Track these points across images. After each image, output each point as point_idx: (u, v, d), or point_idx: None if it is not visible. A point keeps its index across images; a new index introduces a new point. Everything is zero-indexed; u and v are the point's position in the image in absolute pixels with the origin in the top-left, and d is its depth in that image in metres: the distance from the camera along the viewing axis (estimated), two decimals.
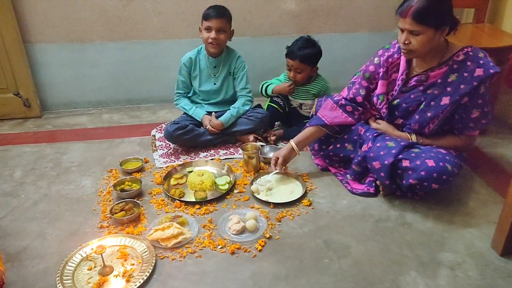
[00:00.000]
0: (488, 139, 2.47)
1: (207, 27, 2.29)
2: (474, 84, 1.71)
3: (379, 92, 1.98)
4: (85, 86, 2.94)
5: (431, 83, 1.82)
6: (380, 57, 1.97)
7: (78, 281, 1.50)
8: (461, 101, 1.76)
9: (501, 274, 1.53)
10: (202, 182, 2.01)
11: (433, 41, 1.71)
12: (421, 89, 1.85)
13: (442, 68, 1.79)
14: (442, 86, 1.79)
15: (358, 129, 2.05)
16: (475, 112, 1.79)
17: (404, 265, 1.57)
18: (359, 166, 2.01)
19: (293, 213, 1.87)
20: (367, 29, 3.06)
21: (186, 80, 2.48)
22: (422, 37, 1.69)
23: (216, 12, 2.28)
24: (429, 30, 1.67)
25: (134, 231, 1.74)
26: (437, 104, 1.80)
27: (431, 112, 1.82)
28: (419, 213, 1.86)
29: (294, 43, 2.41)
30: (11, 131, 2.69)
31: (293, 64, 2.38)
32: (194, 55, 2.44)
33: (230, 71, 2.48)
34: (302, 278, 1.52)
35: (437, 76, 1.80)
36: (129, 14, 2.77)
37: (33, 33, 2.72)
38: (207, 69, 2.45)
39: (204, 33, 2.32)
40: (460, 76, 1.75)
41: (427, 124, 1.84)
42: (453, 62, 1.77)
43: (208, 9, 2.31)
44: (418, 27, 1.67)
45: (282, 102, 2.53)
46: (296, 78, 2.42)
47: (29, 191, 2.04)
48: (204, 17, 2.31)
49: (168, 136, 2.33)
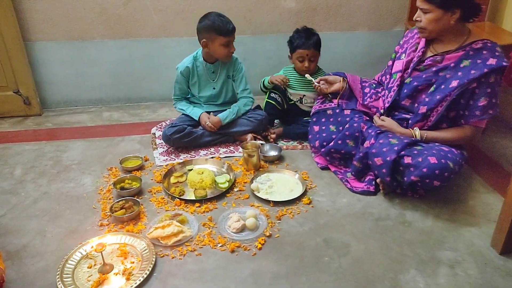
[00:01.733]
0: (488, 138, 2.48)
1: (226, 42, 2.23)
2: (485, 71, 1.75)
3: (394, 71, 2.06)
4: (85, 84, 2.94)
5: (444, 65, 1.87)
6: (404, 38, 2.07)
7: (78, 279, 1.50)
8: (469, 86, 1.79)
9: (500, 272, 1.54)
10: (202, 180, 2.01)
11: (441, 22, 1.79)
12: (434, 70, 1.89)
13: (458, 52, 1.85)
14: (454, 70, 1.84)
15: (360, 126, 2.06)
16: (483, 101, 1.80)
17: (404, 264, 1.57)
18: (360, 163, 2.01)
19: (293, 211, 1.87)
20: (366, 28, 3.05)
21: (183, 87, 2.46)
22: (430, 15, 1.79)
23: (232, 27, 2.24)
24: (437, 10, 1.77)
25: (134, 229, 1.74)
26: (446, 87, 1.83)
27: (440, 95, 1.85)
28: (419, 211, 1.86)
29: (298, 35, 2.40)
30: (11, 129, 2.69)
31: (308, 53, 2.37)
32: (191, 63, 2.38)
33: (229, 75, 2.45)
34: (302, 276, 1.52)
35: (452, 59, 1.85)
36: (129, 12, 2.76)
37: (33, 31, 2.72)
38: (206, 75, 2.42)
39: (221, 48, 2.25)
40: (473, 62, 1.80)
41: (435, 107, 1.86)
42: (470, 49, 1.82)
43: (221, 24, 2.19)
44: (426, 5, 1.79)
45: (280, 99, 2.51)
46: (311, 67, 2.42)
47: (29, 189, 2.04)
48: (220, 32, 2.20)
49: (166, 139, 2.33)
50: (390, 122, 2.00)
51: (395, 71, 2.07)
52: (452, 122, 1.91)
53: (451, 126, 1.91)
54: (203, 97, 2.48)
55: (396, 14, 3.03)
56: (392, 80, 2.06)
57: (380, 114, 2.08)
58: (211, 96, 2.48)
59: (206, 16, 2.26)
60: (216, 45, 2.26)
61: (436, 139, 1.88)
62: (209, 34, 2.23)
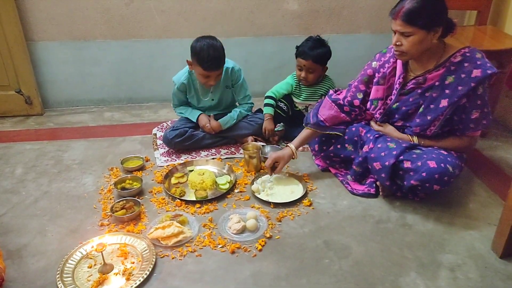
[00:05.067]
0: (488, 142, 2.47)
1: (205, 75, 2.18)
2: (472, 85, 1.71)
3: (373, 97, 1.97)
4: (87, 84, 2.95)
5: (429, 85, 1.81)
6: (378, 61, 1.97)
7: (78, 278, 1.50)
8: (460, 103, 1.76)
9: (501, 276, 1.53)
10: (203, 181, 2.01)
11: (424, 43, 1.70)
12: (419, 92, 1.84)
13: (439, 70, 1.78)
14: (440, 88, 1.78)
15: (359, 130, 2.05)
16: (475, 113, 1.78)
17: (404, 266, 1.57)
18: (360, 167, 2.01)
19: (293, 213, 1.87)
20: (369, 31, 3.06)
21: (181, 98, 2.44)
22: (413, 38, 1.69)
23: (215, 66, 2.16)
24: (420, 31, 1.67)
25: (134, 230, 1.74)
26: (436, 107, 1.79)
27: (431, 115, 1.81)
28: (419, 214, 1.86)
29: (305, 43, 2.36)
30: (12, 128, 2.70)
31: (306, 64, 2.33)
32: (186, 79, 2.33)
33: (227, 85, 2.41)
34: (303, 278, 1.52)
35: (434, 78, 1.80)
36: (131, 13, 2.77)
37: (35, 30, 2.73)
38: (202, 89, 2.39)
39: (200, 77, 2.22)
40: (457, 77, 1.74)
41: (428, 127, 1.84)
42: (450, 64, 1.76)
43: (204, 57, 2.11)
44: (408, 28, 1.67)
45: (285, 107, 2.48)
46: (308, 78, 2.38)
47: (30, 188, 2.04)
48: (200, 64, 2.14)
49: (167, 142, 2.34)
50: (388, 127, 1.99)
51: (374, 97, 1.96)
52: (447, 134, 1.90)
53: (447, 137, 1.89)
54: (202, 107, 2.47)
55: None
56: (373, 107, 1.98)
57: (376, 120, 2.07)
58: (210, 106, 2.47)
59: (201, 39, 2.18)
60: (196, 71, 2.23)
61: (433, 146, 1.87)
62: (193, 59, 2.19)
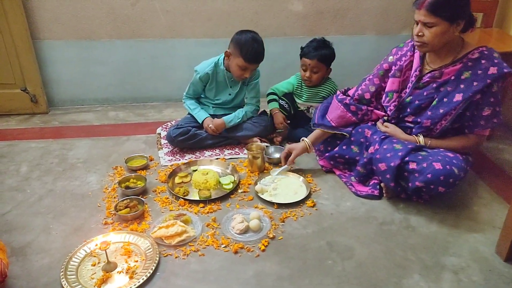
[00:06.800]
0: (493, 145, 2.47)
1: (244, 66, 2.25)
2: (488, 81, 1.72)
3: (389, 90, 1.99)
4: (92, 83, 2.96)
5: (444, 80, 1.82)
6: (394, 55, 1.99)
7: (81, 276, 1.50)
8: (474, 98, 1.76)
9: (505, 279, 1.52)
10: (207, 181, 2.01)
11: (446, 35, 1.72)
12: (434, 86, 1.85)
13: (456, 65, 1.80)
14: (456, 83, 1.79)
15: (365, 131, 2.05)
16: (487, 110, 1.78)
17: (408, 269, 1.57)
18: (365, 168, 2.00)
19: (296, 214, 1.87)
20: (374, 32, 3.05)
21: (198, 90, 2.45)
22: (435, 29, 1.70)
23: (259, 58, 2.28)
24: (443, 23, 1.69)
25: (138, 228, 1.75)
26: (450, 101, 1.80)
27: (443, 109, 1.81)
28: (423, 216, 1.86)
29: (309, 43, 2.39)
30: (18, 126, 2.71)
31: (311, 63, 2.35)
32: (211, 69, 2.35)
33: (244, 82, 2.45)
34: (305, 278, 1.52)
35: (451, 73, 1.81)
36: (137, 13, 2.78)
37: (41, 29, 2.75)
38: (224, 82, 2.41)
39: (237, 68, 2.26)
40: (473, 73, 1.75)
41: (439, 121, 1.84)
42: (467, 60, 1.78)
43: (249, 49, 2.21)
44: (432, 19, 1.68)
45: (287, 106, 2.51)
46: (312, 78, 2.40)
47: (35, 186, 2.05)
48: (243, 55, 2.21)
49: (170, 140, 2.34)
50: (394, 128, 1.99)
51: (390, 90, 1.99)
52: (456, 132, 1.90)
53: (455, 135, 1.90)
54: (217, 101, 2.47)
55: (404, 18, 3.03)
56: (388, 99, 2.00)
57: (383, 121, 2.07)
58: (225, 101, 2.48)
59: (244, 32, 2.26)
60: (234, 62, 2.26)
61: (440, 146, 1.87)
62: (235, 50, 2.24)
